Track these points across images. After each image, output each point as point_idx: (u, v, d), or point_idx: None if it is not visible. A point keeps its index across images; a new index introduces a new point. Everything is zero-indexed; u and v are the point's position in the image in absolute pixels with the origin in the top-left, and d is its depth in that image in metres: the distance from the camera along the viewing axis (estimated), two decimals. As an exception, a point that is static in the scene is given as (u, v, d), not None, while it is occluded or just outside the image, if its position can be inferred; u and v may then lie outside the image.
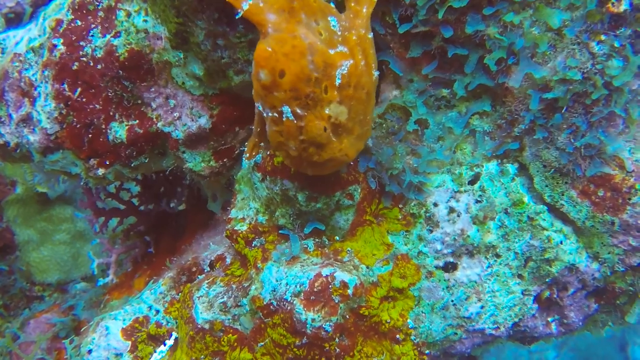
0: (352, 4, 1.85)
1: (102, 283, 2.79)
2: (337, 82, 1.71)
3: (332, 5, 1.83)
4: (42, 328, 2.75)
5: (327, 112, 1.71)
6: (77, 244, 3.42)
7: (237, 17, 1.74)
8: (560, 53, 1.89)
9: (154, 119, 2.23)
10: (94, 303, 2.78)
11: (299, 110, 1.68)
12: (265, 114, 1.71)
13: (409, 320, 2.00)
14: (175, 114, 2.23)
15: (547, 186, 2.01)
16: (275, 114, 1.68)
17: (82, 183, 2.44)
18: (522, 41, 1.89)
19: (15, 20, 2.91)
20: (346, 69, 1.72)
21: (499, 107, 2.03)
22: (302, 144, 1.71)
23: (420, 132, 2.10)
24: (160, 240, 2.91)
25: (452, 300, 2.01)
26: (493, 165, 2.06)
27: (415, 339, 2.00)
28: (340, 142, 1.77)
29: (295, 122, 1.68)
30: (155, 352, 2.19)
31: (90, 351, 2.21)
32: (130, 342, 2.20)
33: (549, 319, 2.11)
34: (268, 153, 1.99)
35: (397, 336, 1.99)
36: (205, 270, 2.28)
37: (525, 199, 2.03)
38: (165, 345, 2.20)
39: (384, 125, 2.10)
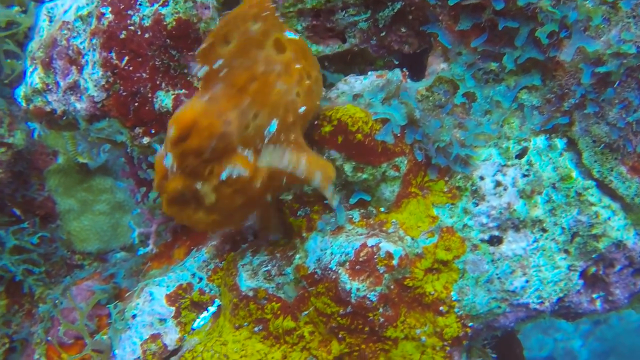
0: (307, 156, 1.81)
1: (142, 252, 2.81)
2: (223, 177, 1.70)
3: (301, 109, 1.80)
4: (83, 295, 2.79)
5: (197, 187, 1.72)
6: (117, 215, 3.46)
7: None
8: (614, 26, 1.87)
9: (200, 89, 2.24)
10: (134, 272, 2.81)
11: (174, 166, 1.68)
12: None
13: (452, 293, 2.00)
14: (221, 84, 2.24)
15: (596, 161, 1.99)
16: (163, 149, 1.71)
17: (127, 151, 2.46)
18: (575, 14, 1.87)
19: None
20: (235, 173, 1.70)
21: (549, 81, 2.01)
22: (160, 183, 1.74)
23: (467, 105, 2.09)
24: (200, 211, 2.92)
25: (497, 274, 2.00)
26: (541, 139, 2.05)
27: (458, 312, 2.00)
28: (194, 211, 1.79)
29: (165, 167, 1.70)
30: (198, 318, 2.21)
31: (134, 316, 2.24)
32: (174, 308, 2.22)
33: (594, 296, 2.09)
34: (315, 123, 1.99)
35: (441, 308, 1.99)
36: (249, 239, 2.29)
37: (574, 174, 2.01)
38: (208, 311, 2.22)
39: (431, 98, 2.10)
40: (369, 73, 2.12)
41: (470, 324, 2.01)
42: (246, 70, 1.68)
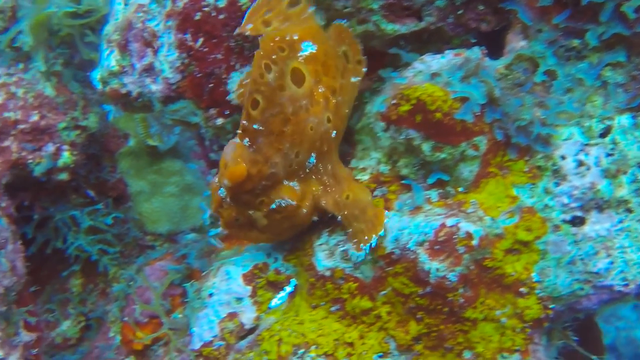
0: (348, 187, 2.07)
1: (213, 234, 2.84)
2: (272, 207, 1.99)
3: (333, 134, 2.02)
4: (157, 275, 2.84)
5: (250, 213, 2.01)
6: (186, 197, 3.51)
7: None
8: None
9: (275, 69, 2.24)
10: (205, 253, 2.84)
11: (228, 199, 1.98)
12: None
13: (533, 274, 1.96)
14: (295, 64, 2.23)
15: (685, 140, 1.94)
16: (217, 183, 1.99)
17: (200, 132, 2.49)
18: (665, -13, 1.81)
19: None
20: (284, 204, 1.99)
21: (635, 57, 1.96)
22: (217, 210, 2.04)
23: (548, 83, 2.04)
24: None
25: (580, 255, 1.96)
26: (626, 117, 1.99)
27: (540, 293, 1.96)
28: (249, 230, 2.08)
29: (220, 197, 1.99)
30: (275, 297, 2.23)
31: (211, 295, 2.27)
32: (250, 287, 2.24)
33: (681, 278, 2.03)
34: (393, 102, 1.98)
35: (521, 289, 1.96)
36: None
37: (661, 153, 1.96)
38: (284, 291, 2.23)
39: (510, 76, 2.06)
40: (446, 52, 2.09)
41: (551, 305, 1.97)
42: (278, 116, 1.87)
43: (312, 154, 1.98)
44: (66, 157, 2.95)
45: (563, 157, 1.99)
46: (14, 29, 2.82)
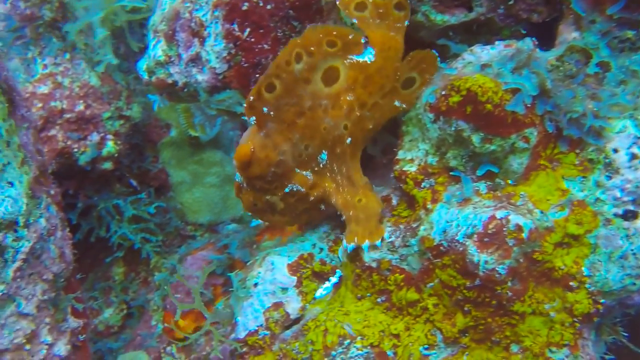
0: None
1: (255, 224, 2.86)
2: (286, 190, 2.07)
3: (348, 140, 2.05)
4: (198, 264, 2.87)
5: (267, 198, 2.10)
6: (226, 188, 3.53)
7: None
8: None
9: (321, 60, 2.23)
10: (247, 243, 2.86)
11: (244, 184, 2.09)
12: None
13: (584, 268, 1.94)
14: (342, 55, 2.23)
15: None
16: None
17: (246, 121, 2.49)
18: None
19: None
20: (296, 189, 2.08)
21: (692, 49, 1.92)
22: (237, 194, 2.16)
23: (601, 75, 2.01)
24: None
25: (632, 250, 1.93)
26: (682, 110, 1.96)
27: (590, 287, 1.94)
28: (271, 214, 2.17)
29: (238, 182, 2.12)
30: (320, 287, 2.23)
31: (256, 284, 2.27)
32: (295, 278, 2.25)
33: None
34: (443, 93, 1.96)
35: (571, 283, 1.94)
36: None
37: None
38: (329, 282, 2.23)
39: (562, 68, 2.03)
40: (497, 43, 2.07)
41: (602, 300, 1.94)
42: (293, 107, 1.93)
43: (324, 151, 2.04)
44: (110, 146, 2.98)
45: (615, 150, 1.96)
46: (83, 20, 2.85)
